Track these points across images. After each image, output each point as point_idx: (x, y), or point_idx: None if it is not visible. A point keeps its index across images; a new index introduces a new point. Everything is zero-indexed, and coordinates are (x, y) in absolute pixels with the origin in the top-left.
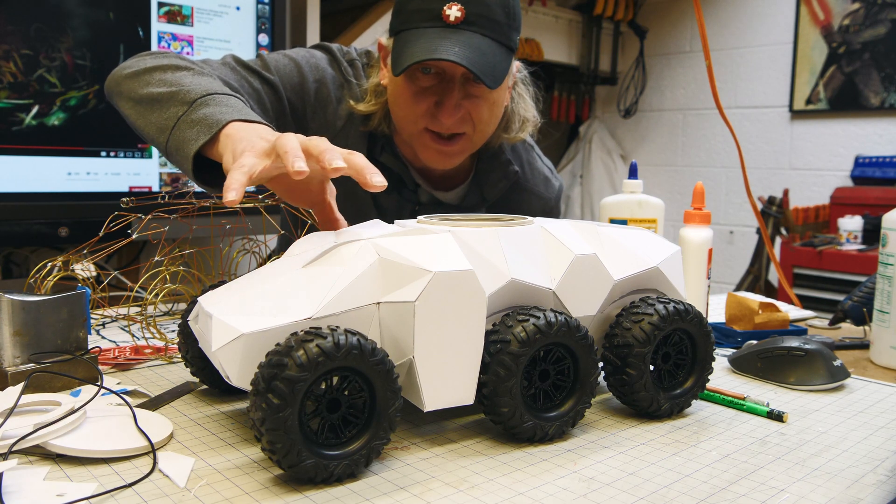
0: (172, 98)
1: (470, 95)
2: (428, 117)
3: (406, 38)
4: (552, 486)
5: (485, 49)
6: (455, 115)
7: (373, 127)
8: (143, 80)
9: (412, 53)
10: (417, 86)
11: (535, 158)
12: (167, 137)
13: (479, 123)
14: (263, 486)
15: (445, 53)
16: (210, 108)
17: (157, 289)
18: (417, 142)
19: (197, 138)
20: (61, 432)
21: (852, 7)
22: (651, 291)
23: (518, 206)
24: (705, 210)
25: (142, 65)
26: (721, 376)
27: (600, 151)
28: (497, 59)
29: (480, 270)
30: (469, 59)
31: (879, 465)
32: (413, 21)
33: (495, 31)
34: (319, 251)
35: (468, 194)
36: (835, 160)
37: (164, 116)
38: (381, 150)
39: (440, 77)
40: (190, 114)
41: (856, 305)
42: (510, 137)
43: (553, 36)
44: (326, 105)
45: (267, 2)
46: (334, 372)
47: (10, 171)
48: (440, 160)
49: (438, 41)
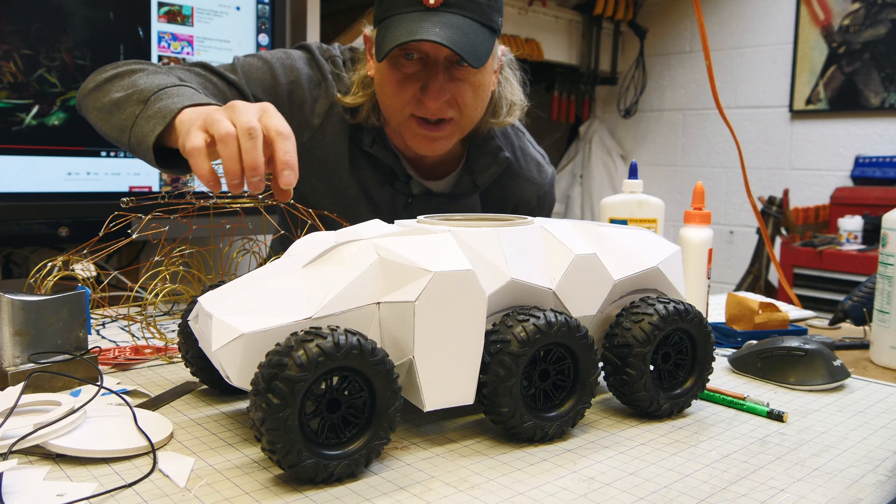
0: (128, 99)
1: (454, 79)
2: (414, 103)
3: (388, 24)
4: (552, 486)
5: (466, 29)
6: (440, 98)
7: (361, 119)
8: (104, 90)
9: (393, 38)
10: (402, 72)
11: (526, 144)
12: (129, 136)
13: (465, 107)
14: (263, 486)
15: (426, 34)
16: (163, 102)
17: (157, 289)
18: (405, 129)
19: (154, 129)
20: (61, 432)
21: (852, 7)
22: (651, 291)
23: (512, 193)
24: (705, 210)
25: (101, 76)
26: (721, 376)
27: (600, 151)
28: (479, 39)
29: (480, 270)
30: (450, 39)
31: (879, 465)
32: (394, 8)
33: (476, 11)
34: (319, 251)
35: (460, 181)
36: (835, 160)
37: (122, 117)
38: (371, 142)
39: (424, 62)
40: (146, 110)
41: (856, 305)
42: (498, 122)
43: (553, 36)
44: (302, 104)
45: (267, 2)
46: (334, 372)
47: (10, 171)
48: (428, 146)
49: (419, 23)
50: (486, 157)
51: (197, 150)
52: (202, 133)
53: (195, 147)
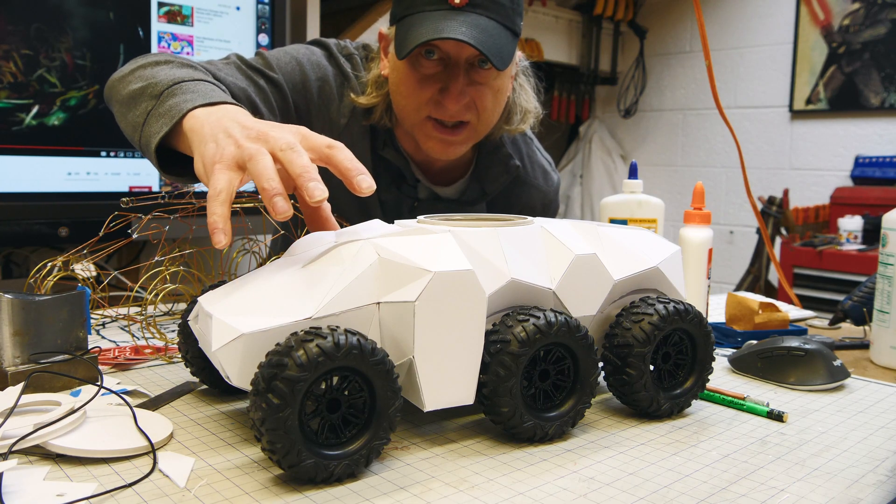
0: (143, 93)
1: (474, 82)
2: (432, 105)
3: (410, 22)
4: (552, 486)
5: (491, 31)
6: (460, 101)
7: (374, 120)
8: (126, 81)
9: (418, 35)
10: (421, 73)
11: (534, 152)
12: (139, 135)
13: (484, 112)
14: (263, 486)
15: (453, 32)
16: (175, 98)
17: (157, 289)
18: (420, 131)
19: (159, 132)
20: (61, 432)
21: (852, 7)
22: (651, 291)
23: (518, 199)
24: (705, 210)
25: (130, 67)
26: (721, 376)
27: (600, 151)
28: (504, 41)
29: (480, 270)
30: (477, 39)
31: (879, 465)
32: (417, 5)
33: (500, 13)
34: (319, 251)
35: (468, 188)
36: (835, 160)
37: (136, 113)
38: (382, 144)
39: (444, 63)
40: (158, 107)
41: (856, 305)
42: (511, 129)
43: (553, 36)
44: (330, 103)
45: (267, 2)
46: (334, 372)
47: (10, 171)
48: (443, 150)
49: (444, 22)
50: (496, 166)
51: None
52: (229, 173)
53: (217, 192)
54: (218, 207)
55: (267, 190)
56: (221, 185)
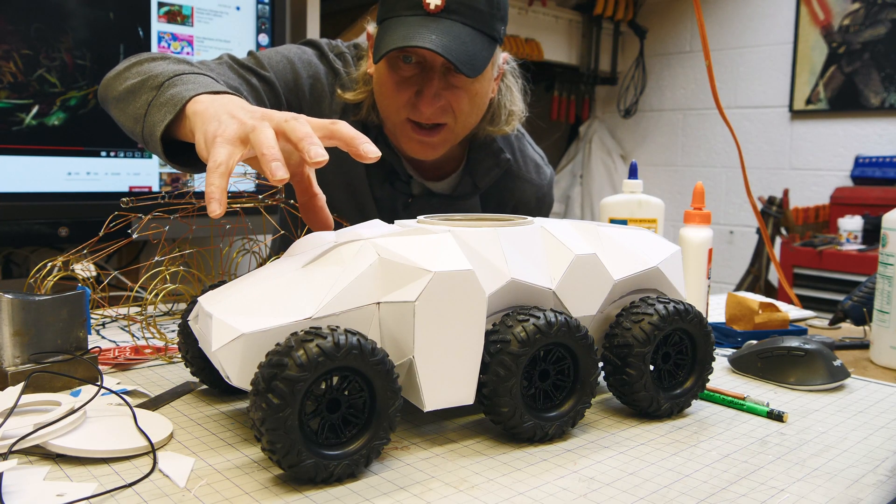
0: (143, 86)
1: (451, 86)
2: (409, 107)
3: (387, 26)
4: (552, 486)
5: (465, 38)
6: (434, 104)
7: (363, 117)
8: (122, 78)
9: (390, 41)
10: (399, 75)
11: (525, 146)
12: (142, 126)
13: (460, 115)
14: (263, 486)
15: (421, 41)
16: (177, 88)
17: (157, 289)
18: (400, 132)
19: (164, 119)
20: (61, 432)
21: (852, 7)
22: (651, 291)
23: (512, 194)
24: (705, 210)
25: (124, 65)
26: (721, 376)
27: (600, 151)
28: (477, 49)
29: (480, 270)
30: (446, 47)
31: (879, 465)
32: (396, 9)
33: (476, 19)
34: (319, 251)
35: (460, 183)
36: (835, 160)
37: (136, 105)
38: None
39: (421, 66)
40: (159, 97)
41: (856, 305)
42: (495, 130)
43: (553, 36)
44: (321, 101)
45: (267, 2)
46: (334, 372)
47: (10, 171)
48: (422, 150)
49: (417, 29)
50: (487, 160)
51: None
52: (230, 147)
53: (217, 164)
54: (216, 179)
55: (266, 155)
56: (221, 157)
